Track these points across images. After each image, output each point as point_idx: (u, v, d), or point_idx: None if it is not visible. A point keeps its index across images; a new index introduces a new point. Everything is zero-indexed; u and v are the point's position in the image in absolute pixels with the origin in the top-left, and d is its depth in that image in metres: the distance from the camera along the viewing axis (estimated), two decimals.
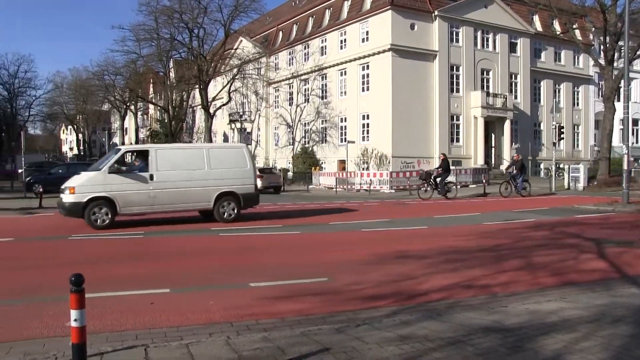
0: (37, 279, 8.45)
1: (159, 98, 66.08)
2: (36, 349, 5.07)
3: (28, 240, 12.82)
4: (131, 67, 58.75)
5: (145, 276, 8.47)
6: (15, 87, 72.80)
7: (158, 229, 14.42)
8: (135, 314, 6.23)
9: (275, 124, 51.94)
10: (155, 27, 49.88)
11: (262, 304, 6.63)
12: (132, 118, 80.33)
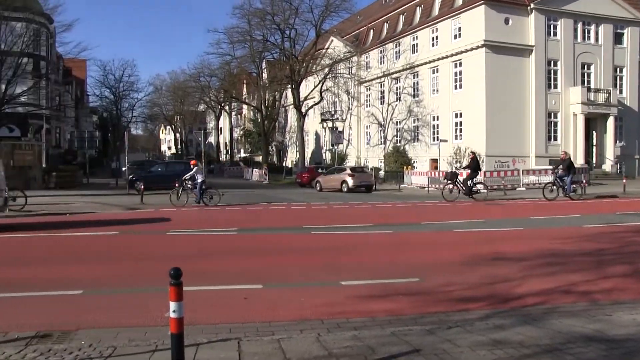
0: (139, 270, 8.90)
1: (252, 98, 67.76)
2: (139, 336, 5.36)
3: (130, 234, 13.52)
4: (225, 69, 60.65)
5: (238, 272, 8.70)
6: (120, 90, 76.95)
7: (251, 227, 14.79)
8: (229, 308, 6.42)
9: (366, 123, 51.87)
10: (248, 29, 51.27)
11: (353, 302, 6.65)
12: (227, 118, 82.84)
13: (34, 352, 4.96)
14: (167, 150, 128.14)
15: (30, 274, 8.55)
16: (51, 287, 7.53)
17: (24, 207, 18.60)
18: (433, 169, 38.81)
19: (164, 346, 4.91)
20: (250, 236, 13.19)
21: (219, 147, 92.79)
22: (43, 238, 13.02)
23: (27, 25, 36.65)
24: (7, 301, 6.90)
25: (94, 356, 4.82)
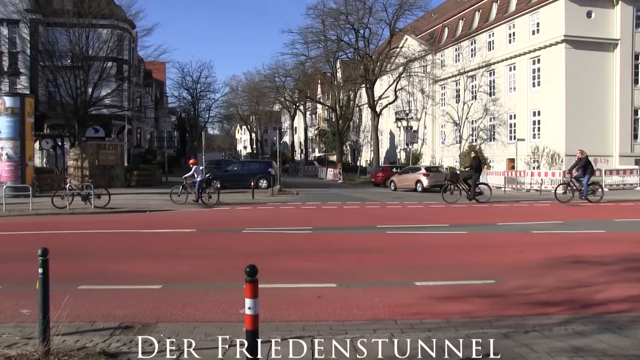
0: (216, 267, 9.14)
1: (327, 98, 68.13)
2: (214, 331, 5.50)
3: (208, 232, 13.89)
4: (300, 69, 61.28)
5: (312, 270, 8.77)
6: (198, 91, 79.19)
7: (326, 226, 14.87)
8: (302, 306, 6.49)
9: (441, 122, 51.13)
10: (322, 30, 51.57)
11: (427, 303, 6.57)
12: (301, 117, 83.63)
13: (117, 342, 5.19)
14: (242, 149, 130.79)
15: (114, 268, 8.95)
16: (133, 281, 7.86)
17: (107, 204, 19.45)
18: (510, 169, 37.80)
19: (239, 342, 5.02)
20: (324, 235, 13.26)
21: (294, 147, 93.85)
22: (125, 234, 13.59)
23: (111, 31, 38.36)
24: (93, 292, 7.25)
25: (171, 349, 4.99)
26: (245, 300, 3.92)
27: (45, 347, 4.59)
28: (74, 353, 4.72)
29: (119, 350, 4.97)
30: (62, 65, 35.66)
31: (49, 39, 36.87)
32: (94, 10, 35.43)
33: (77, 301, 6.28)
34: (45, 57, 36.82)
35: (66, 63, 35.85)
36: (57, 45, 36.26)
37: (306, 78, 64.04)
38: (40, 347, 4.59)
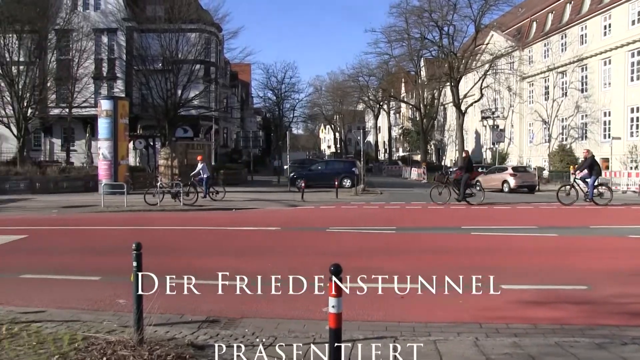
0: (299, 265, 9.25)
1: (411, 97, 67.47)
2: (298, 328, 5.59)
3: (292, 230, 14.09)
4: (383, 68, 61.03)
5: (396, 270, 8.70)
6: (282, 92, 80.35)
7: (410, 226, 14.73)
8: (385, 307, 6.47)
9: (529, 120, 49.38)
10: (405, 28, 51.12)
11: (513, 308, 6.38)
12: (385, 117, 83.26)
13: (204, 335, 5.38)
14: (326, 149, 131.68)
15: (201, 263, 9.25)
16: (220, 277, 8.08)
17: (195, 201, 20.13)
18: (604, 169, 36.03)
19: (322, 340, 5.07)
20: (408, 235, 13.15)
21: (378, 146, 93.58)
22: (212, 231, 14.02)
23: (199, 35, 39.75)
24: (182, 286, 7.53)
25: (256, 344, 5.12)
26: (329, 299, 3.95)
27: (139, 335, 4.85)
28: (164, 343, 4.93)
29: (205, 342, 5.14)
30: (154, 69, 37.33)
31: (143, 45, 38.71)
32: (183, 16, 36.88)
33: (168, 294, 6.54)
34: (139, 61, 38.69)
35: (157, 67, 37.47)
36: (149, 50, 38.01)
37: (390, 77, 63.66)
38: (135, 335, 4.86)
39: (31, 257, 10.36)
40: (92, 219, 16.57)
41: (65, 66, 39.00)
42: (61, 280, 8.16)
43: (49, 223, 15.71)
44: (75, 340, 5.07)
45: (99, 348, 4.78)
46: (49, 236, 13.47)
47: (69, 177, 28.77)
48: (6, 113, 34.13)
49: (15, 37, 33.87)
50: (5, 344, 5.01)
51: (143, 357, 4.55)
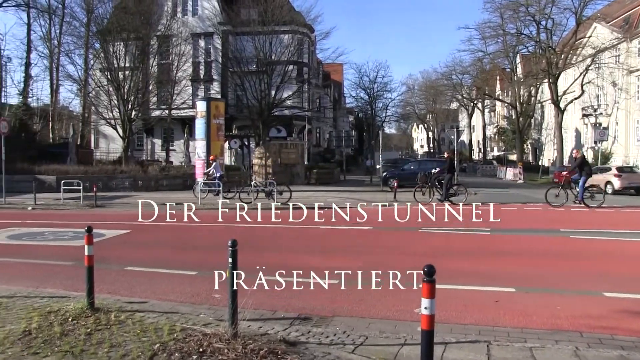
0: (391, 264, 9.20)
1: (506, 94, 65.41)
2: (389, 328, 5.57)
3: (384, 230, 14.04)
4: (477, 65, 59.54)
5: (490, 273, 8.49)
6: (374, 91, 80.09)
7: (504, 227, 14.30)
8: (478, 310, 6.32)
9: (637, 117, 46.52)
10: (500, 23, 49.57)
11: (619, 318, 6.04)
12: (479, 115, 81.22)
13: (296, 332, 5.47)
14: (419, 148, 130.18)
15: (294, 261, 9.40)
16: (312, 275, 8.20)
17: (289, 200, 20.47)
18: None
19: (413, 341, 5.03)
20: (503, 237, 12.78)
21: (472, 146, 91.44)
22: (305, 229, 14.22)
23: (292, 36, 40.41)
24: (275, 283, 7.69)
25: (347, 342, 5.15)
26: (422, 300, 3.91)
27: (233, 329, 5.01)
28: (257, 338, 5.07)
29: (297, 339, 5.23)
30: (248, 71, 38.35)
31: (237, 47, 39.89)
32: (277, 18, 37.64)
33: (261, 290, 6.71)
34: (234, 63, 39.88)
35: (252, 68, 38.45)
36: (244, 52, 39.11)
37: (484, 75, 62.05)
38: (229, 329, 5.03)
39: (134, 250, 10.95)
40: (189, 216, 17.24)
41: (166, 70, 40.85)
42: (161, 273, 8.57)
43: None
44: (174, 330, 5.32)
45: (196, 339, 4.99)
46: (151, 231, 14.16)
47: (168, 175, 30.10)
48: (113, 115, 36.28)
49: (122, 45, 35.89)
50: (114, 329, 5.37)
51: (237, 351, 4.69)
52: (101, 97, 38.09)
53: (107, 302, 6.42)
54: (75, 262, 9.25)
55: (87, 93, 42.33)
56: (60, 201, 21.50)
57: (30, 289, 7.40)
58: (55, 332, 5.30)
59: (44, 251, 10.87)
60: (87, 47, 41.56)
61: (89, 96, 41.87)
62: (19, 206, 20.58)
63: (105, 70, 36.79)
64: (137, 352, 4.77)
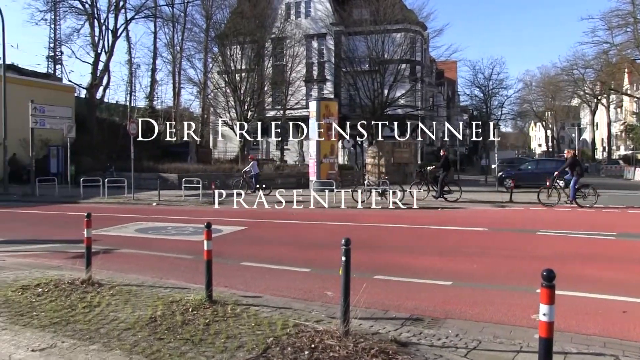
0: (506, 268, 8.89)
1: (635, 88, 61.06)
2: (503, 334, 5.36)
3: (499, 231, 13.56)
4: (602, 58, 55.94)
5: (616, 280, 7.95)
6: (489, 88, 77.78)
7: (633, 232, 13.36)
8: (603, 320, 5.93)
9: None
10: (631, 11, 46.25)
11: None
12: (604, 112, 76.41)
13: (407, 332, 5.41)
14: (537, 147, 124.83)
15: (406, 261, 9.34)
16: (423, 275, 8.11)
17: (402, 199, 20.31)
18: None
19: (529, 349, 4.82)
20: (631, 242, 11.91)
21: (595, 144, 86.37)
22: (416, 229, 14.04)
23: (404, 35, 40.09)
24: (387, 283, 7.67)
25: (459, 346, 5.02)
26: (540, 306, 3.72)
27: (345, 327, 5.04)
28: (368, 337, 5.06)
29: (408, 340, 5.17)
30: (361, 70, 38.51)
31: (350, 47, 40.15)
32: (389, 17, 37.52)
33: (373, 290, 6.70)
34: (346, 63, 40.21)
35: (364, 68, 38.58)
36: (356, 52, 39.31)
37: (610, 68, 58.17)
38: (341, 327, 5.06)
39: (250, 246, 11.31)
40: (302, 214, 17.59)
41: (280, 71, 41.96)
42: (275, 269, 8.79)
43: (265, 216, 17.01)
44: (287, 325, 5.44)
45: (308, 335, 5.06)
46: (265, 228, 14.59)
47: (283, 174, 30.89)
48: (230, 116, 37.83)
49: (238, 48, 37.33)
50: (230, 322, 5.59)
51: (348, 349, 4.70)
52: (219, 98, 39.89)
53: (224, 295, 6.68)
54: (195, 256, 9.71)
55: (206, 95, 44.42)
56: (182, 198, 22.71)
57: (155, 279, 7.88)
58: (177, 321, 5.59)
59: (166, 245, 11.53)
60: (206, 52, 43.58)
61: (208, 98, 43.93)
62: (145, 202, 21.96)
63: (223, 72, 38.44)
64: (251, 344, 4.92)
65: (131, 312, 5.98)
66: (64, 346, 4.98)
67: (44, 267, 9.07)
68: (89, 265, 7.49)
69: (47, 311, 6.05)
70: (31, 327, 5.53)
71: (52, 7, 48.88)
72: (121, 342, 5.04)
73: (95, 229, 10.44)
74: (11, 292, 6.96)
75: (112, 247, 11.10)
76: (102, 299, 6.52)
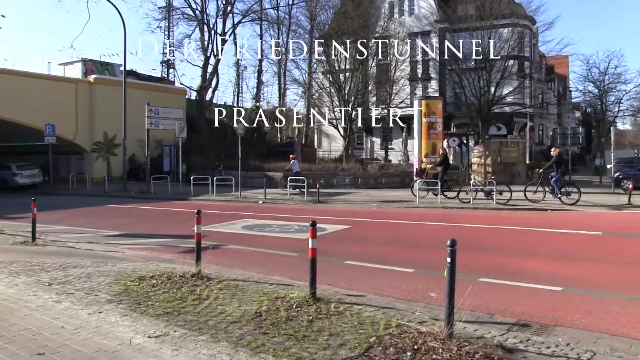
0: (625, 275, 8.37)
1: None
2: (621, 347, 5.06)
3: (616, 236, 12.79)
4: None
5: None
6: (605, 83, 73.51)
7: None
8: None
9: None
10: None
11: None
12: None
13: (514, 338, 5.24)
14: None
15: (513, 265, 9.04)
16: (531, 280, 7.81)
17: (508, 201, 19.68)
18: None
19: None
20: None
21: None
22: (524, 231, 13.51)
23: (512, 30, 38.68)
24: (492, 286, 7.47)
25: (570, 356, 4.80)
26: None
27: (449, 330, 4.96)
28: (473, 341, 4.95)
29: (515, 346, 5.00)
30: (466, 68, 37.61)
31: (455, 44, 39.32)
32: (495, 12, 36.38)
33: (478, 293, 6.55)
34: (451, 61, 39.39)
35: (470, 65, 37.64)
36: (461, 49, 38.43)
37: None
38: (445, 329, 4.99)
39: (353, 245, 11.39)
40: (407, 214, 17.46)
41: (384, 70, 41.80)
42: (378, 269, 8.80)
43: (369, 215, 17.05)
44: (389, 325, 5.44)
45: (411, 337, 5.03)
46: (369, 228, 14.62)
47: (387, 173, 30.79)
48: (335, 115, 38.24)
49: (342, 48, 37.66)
50: (333, 319, 5.67)
51: (451, 352, 4.63)
52: (323, 98, 40.40)
53: (327, 293, 6.77)
54: (299, 254, 9.91)
55: (310, 95, 45.15)
56: (287, 196, 23.22)
57: (261, 275, 8.13)
58: (282, 317, 5.74)
59: (271, 242, 11.85)
60: (311, 52, 44.24)
61: (312, 98, 44.63)
62: (251, 200, 22.66)
63: (327, 73, 38.90)
64: (354, 342, 4.96)
65: (237, 306, 6.21)
66: (175, 335, 5.26)
67: (158, 260, 9.64)
68: (199, 259, 7.85)
69: (160, 301, 6.43)
70: (147, 315, 5.89)
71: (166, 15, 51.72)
72: (228, 334, 5.25)
73: (205, 225, 10.92)
74: (130, 282, 7.46)
75: (220, 243, 11.56)
76: (210, 292, 6.82)
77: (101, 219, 17.33)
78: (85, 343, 5.07)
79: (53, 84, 37.79)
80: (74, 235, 13.37)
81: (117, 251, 10.81)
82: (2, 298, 6.76)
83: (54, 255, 10.09)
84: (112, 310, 6.14)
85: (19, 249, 11.04)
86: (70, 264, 8.96)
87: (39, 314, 6.02)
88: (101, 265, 8.78)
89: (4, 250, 10.75)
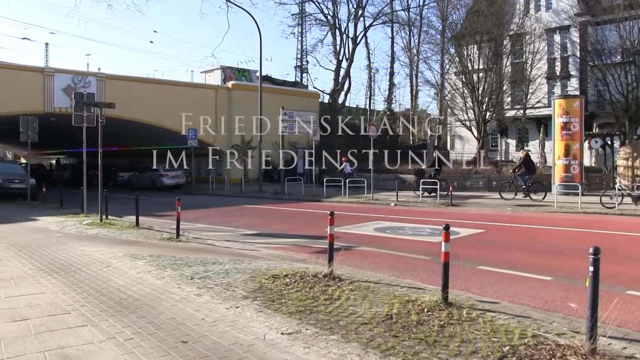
0: None
1: None
2: None
3: None
4: None
5: None
6: None
7: None
8: None
9: None
10: None
11: None
12: None
13: None
14: None
15: None
16: None
17: None
18: None
19: None
20: None
21: None
22: None
23: None
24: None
25: None
26: None
27: (591, 345, 4.64)
28: (620, 359, 4.60)
29: None
30: (611, 63, 35.07)
31: (598, 38, 36.79)
32: None
33: (626, 306, 6.10)
34: (594, 56, 36.93)
35: (615, 60, 35.05)
36: (605, 43, 35.87)
37: None
38: (587, 343, 4.67)
39: (487, 250, 11.05)
40: (544, 219, 16.64)
41: (519, 69, 40.10)
42: (513, 275, 8.47)
43: (504, 220, 16.46)
44: (525, 335, 5.21)
45: (548, 349, 4.78)
46: (504, 232, 14.11)
47: None
48: (468, 117, 37.33)
49: (475, 47, 36.67)
50: (465, 326, 5.54)
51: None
52: (456, 99, 39.55)
53: (459, 298, 6.62)
54: (431, 257, 9.78)
55: (443, 96, 44.38)
56: (419, 199, 23.01)
57: (392, 278, 8.12)
58: (412, 320, 5.69)
59: (403, 244, 11.80)
60: (443, 53, 43.54)
61: (445, 99, 43.84)
62: (383, 202, 22.71)
63: (460, 73, 38.03)
64: (486, 350, 4.80)
65: (368, 307, 6.25)
66: (307, 333, 5.39)
67: (291, 259, 9.94)
68: (331, 260, 7.99)
69: (293, 300, 6.62)
70: (280, 313, 6.10)
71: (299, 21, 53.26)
72: (358, 335, 5.30)
73: (337, 226, 11.09)
74: (264, 279, 7.76)
75: (352, 245, 11.70)
76: (342, 293, 6.92)
77: (238, 218, 18.21)
78: (222, 335, 5.35)
79: (195, 90, 40.39)
80: (213, 234, 14.15)
81: (252, 249, 11.30)
82: (152, 288, 7.32)
83: (195, 251, 10.76)
84: (247, 305, 6.42)
85: (166, 244, 11.90)
86: (209, 260, 9.50)
87: (182, 305, 6.45)
88: (238, 263, 9.22)
89: (153, 245, 11.63)
